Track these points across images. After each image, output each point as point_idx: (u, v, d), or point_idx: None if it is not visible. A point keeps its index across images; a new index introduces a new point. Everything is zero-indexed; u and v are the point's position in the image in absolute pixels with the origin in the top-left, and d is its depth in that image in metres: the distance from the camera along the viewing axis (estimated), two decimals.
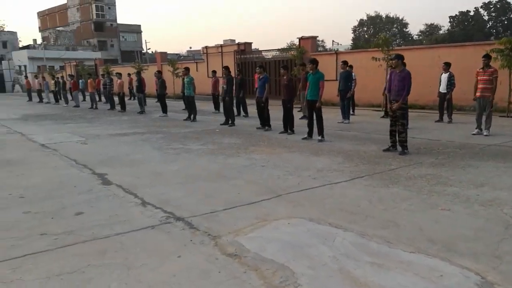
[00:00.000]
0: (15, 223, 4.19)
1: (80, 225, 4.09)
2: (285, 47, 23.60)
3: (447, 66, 11.10)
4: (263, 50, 23.85)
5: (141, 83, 16.47)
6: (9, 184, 5.77)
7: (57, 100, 23.95)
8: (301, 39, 19.66)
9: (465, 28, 58.93)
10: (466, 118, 11.48)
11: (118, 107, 18.10)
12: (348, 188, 5.15)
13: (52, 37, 63.11)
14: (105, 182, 5.73)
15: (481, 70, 8.95)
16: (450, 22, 63.11)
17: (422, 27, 75.64)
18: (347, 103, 11.79)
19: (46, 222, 4.19)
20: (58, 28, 64.89)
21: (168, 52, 34.43)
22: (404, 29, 71.67)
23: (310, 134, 8.93)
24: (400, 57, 7.09)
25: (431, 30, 69.86)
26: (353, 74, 12.34)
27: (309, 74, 8.73)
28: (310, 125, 8.92)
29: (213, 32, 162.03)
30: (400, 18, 71.28)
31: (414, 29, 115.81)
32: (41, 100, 25.27)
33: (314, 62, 8.57)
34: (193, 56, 55.72)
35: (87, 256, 3.37)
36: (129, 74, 23.92)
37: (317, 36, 20.03)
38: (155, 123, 13.12)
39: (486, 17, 62.16)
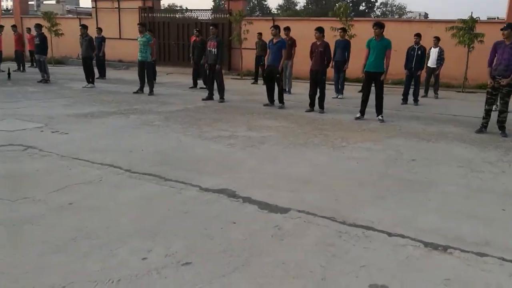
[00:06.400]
0: None
1: None
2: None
3: (437, 40, 10.81)
4: (184, 10, 20.61)
5: (44, 42, 12.05)
6: (75, 226, 2.91)
7: None
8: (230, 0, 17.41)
9: (318, 5, 63.40)
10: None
11: None
12: None
13: None
14: (265, 207, 3.39)
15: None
16: None
17: (281, 1, 78.42)
18: (342, 76, 10.56)
19: None
20: None
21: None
22: (263, 1, 73.25)
23: (363, 112, 7.52)
24: None
25: (288, 5, 73.05)
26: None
27: (372, 40, 7.18)
28: (365, 103, 7.48)
29: None
30: None
31: (273, 3, 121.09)
32: None
33: (382, 27, 7.05)
34: (36, 12, 46.49)
35: None
36: None
37: None
38: (98, 97, 9.62)
39: None
